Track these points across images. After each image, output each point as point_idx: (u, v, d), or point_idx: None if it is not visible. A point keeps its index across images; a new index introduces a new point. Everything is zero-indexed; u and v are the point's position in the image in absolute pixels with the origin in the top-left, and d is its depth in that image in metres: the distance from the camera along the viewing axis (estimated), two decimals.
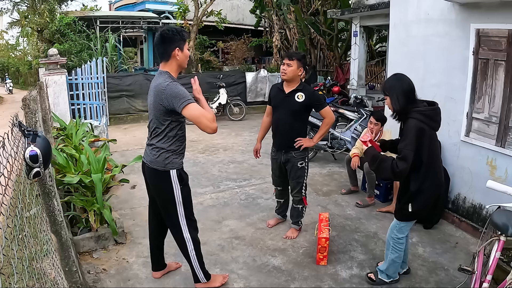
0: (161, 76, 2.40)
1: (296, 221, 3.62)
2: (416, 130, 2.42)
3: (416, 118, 2.44)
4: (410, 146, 2.42)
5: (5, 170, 1.38)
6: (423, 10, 4.16)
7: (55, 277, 1.98)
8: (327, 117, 3.37)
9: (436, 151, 2.58)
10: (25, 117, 2.27)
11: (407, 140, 2.44)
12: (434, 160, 2.52)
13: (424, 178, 2.50)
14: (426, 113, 2.46)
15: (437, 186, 2.58)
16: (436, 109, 2.53)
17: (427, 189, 2.51)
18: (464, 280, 2.69)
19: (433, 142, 2.52)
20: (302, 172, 3.45)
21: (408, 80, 2.55)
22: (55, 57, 7.08)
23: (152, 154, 2.48)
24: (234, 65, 13.47)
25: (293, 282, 2.89)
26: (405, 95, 2.50)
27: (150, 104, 2.46)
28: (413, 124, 2.44)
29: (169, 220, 2.64)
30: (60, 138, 5.17)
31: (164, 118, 2.39)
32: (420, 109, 2.47)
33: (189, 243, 2.63)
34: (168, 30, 2.38)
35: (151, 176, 2.56)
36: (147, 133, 2.58)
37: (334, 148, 5.81)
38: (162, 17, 14.65)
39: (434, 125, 2.51)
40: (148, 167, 2.54)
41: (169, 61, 2.41)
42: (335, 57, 11.16)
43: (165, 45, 2.38)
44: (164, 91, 2.30)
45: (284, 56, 3.39)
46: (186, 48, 2.45)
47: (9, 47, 25.46)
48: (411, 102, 2.50)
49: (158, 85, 2.35)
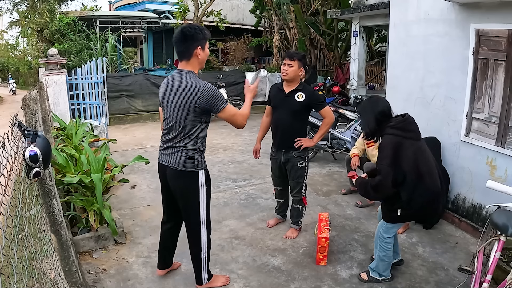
0: (188, 76, 2.34)
1: (296, 221, 3.62)
2: (391, 144, 2.48)
3: (390, 133, 2.52)
4: (384, 161, 2.49)
5: (5, 170, 1.38)
6: (423, 10, 4.16)
7: (55, 277, 1.98)
8: (327, 117, 3.37)
9: (427, 161, 2.55)
10: (25, 117, 2.26)
11: (381, 154, 2.53)
12: (424, 170, 2.50)
13: (414, 188, 2.49)
14: (397, 126, 2.53)
15: (431, 194, 2.53)
16: (405, 119, 2.58)
17: (418, 197, 2.50)
18: (464, 280, 2.69)
19: (420, 152, 2.53)
20: (302, 172, 3.45)
21: (383, 104, 2.64)
22: (55, 57, 7.08)
23: (181, 156, 2.40)
24: (234, 65, 13.47)
25: (293, 282, 2.89)
26: (376, 118, 2.59)
27: (175, 105, 2.35)
28: (387, 140, 2.52)
29: (190, 220, 2.58)
30: (60, 138, 5.17)
31: (197, 119, 2.35)
32: (391, 124, 2.55)
33: (204, 245, 2.60)
34: (190, 28, 2.33)
35: (178, 178, 2.46)
36: (169, 135, 2.44)
37: (334, 148, 5.81)
38: (162, 17, 14.65)
39: (410, 135, 2.54)
40: (173, 170, 2.43)
41: (191, 60, 2.36)
42: (335, 57, 11.16)
43: (187, 43, 2.31)
44: (202, 93, 2.27)
45: (284, 56, 3.38)
46: (207, 47, 2.40)
47: (9, 47, 25.42)
48: (383, 123, 2.58)
49: (191, 86, 2.29)
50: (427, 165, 2.53)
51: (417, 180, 2.47)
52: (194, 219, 2.55)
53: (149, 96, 9.49)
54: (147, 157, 4.28)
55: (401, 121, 2.55)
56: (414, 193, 2.49)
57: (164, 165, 2.50)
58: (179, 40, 2.33)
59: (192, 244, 2.64)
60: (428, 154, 2.61)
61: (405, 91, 4.52)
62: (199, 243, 2.58)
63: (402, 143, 2.48)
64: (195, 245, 2.61)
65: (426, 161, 2.54)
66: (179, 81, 2.36)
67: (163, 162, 2.52)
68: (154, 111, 9.58)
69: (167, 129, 2.46)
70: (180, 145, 2.41)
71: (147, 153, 6.34)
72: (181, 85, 2.34)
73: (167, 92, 2.43)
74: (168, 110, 2.42)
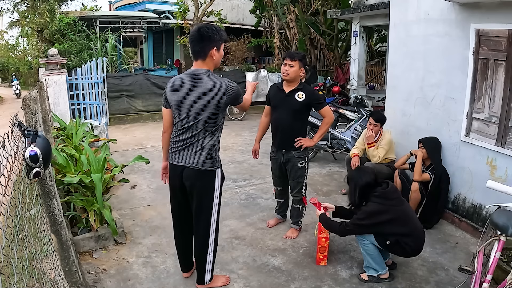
0: (209, 74, 2.40)
1: (296, 221, 3.62)
2: (373, 212, 2.72)
3: (374, 202, 2.74)
4: (358, 221, 2.75)
5: (5, 170, 1.38)
6: (423, 10, 4.16)
7: (55, 277, 1.98)
8: (326, 117, 3.38)
9: (408, 222, 2.76)
10: (25, 117, 2.26)
11: (360, 215, 2.76)
12: (404, 231, 2.72)
13: (401, 236, 2.72)
14: (382, 195, 2.75)
15: (412, 251, 2.79)
16: (388, 190, 2.78)
17: (401, 248, 2.74)
18: (464, 280, 2.70)
19: (402, 215, 2.75)
20: (302, 172, 3.45)
21: (368, 176, 2.82)
22: (55, 57, 7.08)
23: (202, 155, 2.40)
24: (234, 65, 13.46)
25: (293, 282, 2.89)
26: (361, 189, 2.81)
27: (199, 104, 2.35)
28: (371, 207, 2.74)
29: (201, 219, 2.57)
30: (60, 138, 5.16)
31: (220, 116, 2.43)
32: (376, 194, 2.76)
33: (211, 244, 2.60)
34: (208, 28, 2.34)
35: (197, 178, 2.44)
36: (186, 134, 2.42)
37: (334, 148, 5.81)
38: (162, 17, 14.65)
39: (393, 202, 2.76)
40: (193, 170, 2.42)
41: (206, 60, 2.40)
42: (335, 57, 11.16)
43: (203, 43, 2.34)
44: (228, 90, 2.38)
45: (285, 56, 3.39)
46: (222, 49, 2.45)
47: (9, 47, 25.39)
48: (369, 193, 2.80)
49: (216, 85, 2.36)
50: (409, 226, 2.75)
51: (398, 238, 2.71)
52: (205, 218, 2.54)
53: (149, 96, 9.49)
54: (147, 157, 4.28)
55: (383, 191, 2.77)
56: (402, 238, 2.73)
57: (180, 166, 2.46)
58: (195, 39, 2.35)
59: (199, 243, 2.62)
60: (411, 215, 2.85)
61: (405, 91, 4.52)
62: (207, 242, 2.58)
63: (385, 210, 2.71)
64: (203, 244, 2.59)
65: (407, 222, 2.76)
66: (200, 81, 2.37)
67: (179, 163, 2.46)
68: (154, 111, 9.57)
69: (184, 128, 2.43)
70: (202, 144, 2.40)
71: (147, 153, 6.34)
72: (204, 85, 2.35)
73: (183, 92, 2.40)
74: (187, 109, 2.39)
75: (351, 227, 2.81)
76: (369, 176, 2.83)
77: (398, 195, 2.85)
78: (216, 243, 2.64)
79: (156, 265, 3.11)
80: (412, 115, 4.44)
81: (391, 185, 2.84)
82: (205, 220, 2.55)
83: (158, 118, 9.52)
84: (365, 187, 2.80)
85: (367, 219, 2.72)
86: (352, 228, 2.81)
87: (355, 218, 2.78)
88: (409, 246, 2.73)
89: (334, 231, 2.95)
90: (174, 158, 2.50)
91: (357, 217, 2.77)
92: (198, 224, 2.59)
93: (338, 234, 2.96)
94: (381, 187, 2.81)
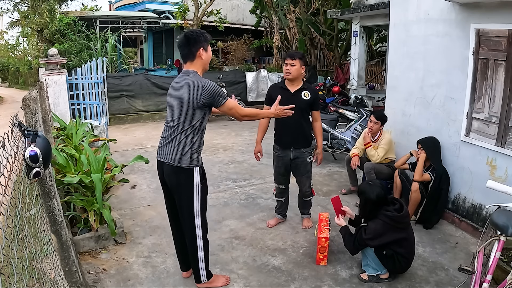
0: (192, 75, 2.49)
1: (308, 212, 3.81)
2: (382, 234, 2.75)
3: (383, 220, 2.76)
4: (369, 235, 2.76)
5: (5, 170, 1.38)
6: (423, 10, 4.16)
7: (55, 277, 1.98)
8: (318, 121, 3.60)
9: (410, 243, 2.86)
10: (25, 117, 2.26)
11: (369, 237, 2.77)
12: (402, 251, 2.80)
13: (398, 254, 2.78)
14: (393, 218, 2.76)
15: (407, 260, 2.86)
16: (401, 214, 2.78)
17: (399, 258, 2.79)
18: (464, 280, 2.70)
19: (405, 237, 2.81)
20: (310, 166, 3.62)
21: (380, 191, 2.82)
22: (55, 57, 7.08)
23: (177, 152, 2.47)
24: (234, 65, 13.47)
25: (293, 282, 2.89)
26: (372, 204, 2.83)
27: (178, 101, 2.46)
28: (379, 225, 2.77)
29: (184, 217, 2.61)
30: (60, 138, 5.16)
31: (196, 115, 2.46)
32: (388, 214, 2.77)
33: (199, 243, 2.63)
34: (192, 32, 2.53)
35: (173, 174, 2.52)
36: (167, 131, 2.53)
37: (334, 148, 5.81)
38: (162, 17, 14.65)
39: (400, 226, 2.80)
40: (169, 166, 2.51)
41: (194, 61, 2.53)
42: (335, 57, 11.16)
43: (189, 45, 2.49)
44: (204, 88, 2.41)
45: (285, 56, 3.47)
46: (209, 49, 2.58)
47: (9, 47, 25.38)
48: (379, 208, 2.82)
49: (192, 83, 2.43)
50: (407, 248, 2.83)
51: (394, 254, 2.78)
52: (188, 215, 2.58)
53: (149, 96, 9.50)
54: (147, 157, 4.28)
55: (397, 216, 2.77)
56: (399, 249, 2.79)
57: (161, 162, 2.57)
58: (183, 44, 2.51)
59: (189, 242, 2.66)
60: (413, 239, 2.93)
61: (405, 91, 4.52)
62: (195, 241, 2.62)
63: (393, 231, 2.77)
64: (191, 243, 2.64)
65: (408, 245, 2.84)
66: (183, 80, 2.51)
67: (160, 159, 2.59)
68: (154, 111, 9.58)
69: (167, 126, 2.56)
70: (178, 140, 2.47)
71: (147, 153, 6.33)
72: (184, 83, 2.48)
73: (171, 92, 2.58)
74: (171, 107, 2.54)
75: (360, 246, 2.88)
76: (381, 192, 2.83)
77: (407, 220, 2.90)
78: (205, 241, 2.66)
79: (156, 265, 3.11)
80: (412, 115, 4.44)
81: (405, 210, 2.84)
82: (188, 217, 2.58)
83: (158, 118, 9.53)
84: (376, 203, 2.82)
85: (376, 240, 2.76)
86: (361, 246, 2.87)
87: (365, 239, 2.78)
88: (399, 264, 2.81)
89: (347, 247, 2.99)
90: (158, 154, 2.62)
91: (366, 237, 2.78)
92: (184, 222, 2.64)
93: (349, 252, 3.00)
94: (394, 208, 2.81)
